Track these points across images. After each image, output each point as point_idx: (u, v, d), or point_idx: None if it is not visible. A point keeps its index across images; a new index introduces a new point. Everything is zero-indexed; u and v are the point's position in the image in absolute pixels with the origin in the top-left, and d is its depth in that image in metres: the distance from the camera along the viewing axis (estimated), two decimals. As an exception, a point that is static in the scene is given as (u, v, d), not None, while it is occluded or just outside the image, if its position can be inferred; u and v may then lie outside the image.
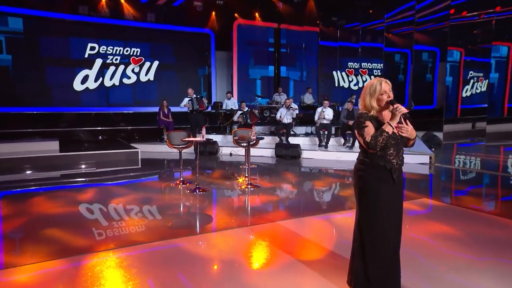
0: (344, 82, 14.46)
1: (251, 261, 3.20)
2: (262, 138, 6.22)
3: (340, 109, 10.59)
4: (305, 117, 11.30)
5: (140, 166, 8.32)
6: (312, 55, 13.55)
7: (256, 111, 10.05)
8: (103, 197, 5.41)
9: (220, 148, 9.56)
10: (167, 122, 10.47)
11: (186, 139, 5.84)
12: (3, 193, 5.69)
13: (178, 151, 6.40)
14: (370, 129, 2.33)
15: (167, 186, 6.14)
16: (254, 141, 6.23)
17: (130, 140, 10.82)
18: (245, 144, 6.15)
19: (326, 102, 9.44)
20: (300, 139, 10.17)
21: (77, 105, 11.07)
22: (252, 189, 5.79)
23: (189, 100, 9.91)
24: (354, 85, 13.76)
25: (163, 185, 6.34)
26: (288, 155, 8.57)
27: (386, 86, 2.33)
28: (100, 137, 11.08)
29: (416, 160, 8.08)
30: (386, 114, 2.35)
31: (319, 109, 9.48)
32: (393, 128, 2.28)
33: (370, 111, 2.37)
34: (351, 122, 9.00)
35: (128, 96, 11.93)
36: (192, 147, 9.39)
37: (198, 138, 5.76)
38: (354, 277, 2.47)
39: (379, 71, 13.56)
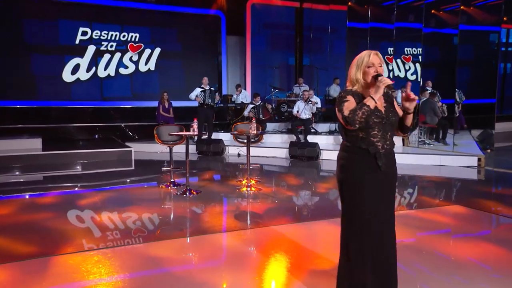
0: (400, 71, 14.26)
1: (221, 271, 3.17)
2: (264, 133, 6.16)
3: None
4: (330, 112, 11.15)
5: (133, 167, 8.50)
6: (340, 39, 13.38)
7: (270, 106, 10.02)
8: (69, 201, 5.53)
9: (227, 147, 9.59)
10: (167, 118, 10.63)
11: (174, 133, 5.88)
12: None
13: (168, 148, 6.46)
14: (350, 104, 2.34)
15: (156, 188, 6.22)
16: (256, 137, 6.20)
17: (127, 139, 11.07)
18: (244, 141, 6.13)
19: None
20: (323, 138, 10.09)
21: (67, 99, 11.44)
22: (251, 192, 5.77)
23: (201, 91, 9.97)
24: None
25: (151, 188, 6.43)
26: (304, 155, 8.49)
27: (375, 58, 2.36)
28: (96, 136, 11.37)
29: (461, 162, 7.87)
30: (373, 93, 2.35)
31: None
32: (375, 102, 2.29)
33: (354, 85, 2.41)
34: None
35: (126, 88, 12.22)
36: (195, 145, 9.59)
37: (189, 132, 5.79)
38: (337, 281, 2.48)
39: (419, 56, 13.27)
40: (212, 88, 10.06)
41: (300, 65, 13.82)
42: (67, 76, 11.44)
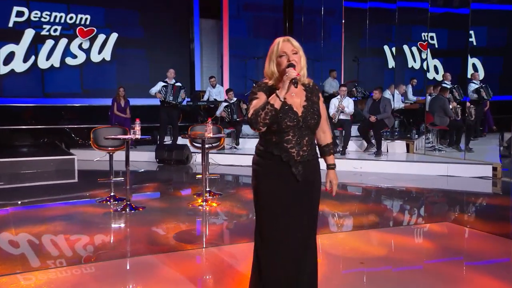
0: (415, 61, 14.36)
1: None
2: (225, 136, 6.17)
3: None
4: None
5: (76, 178, 8.47)
6: (337, 24, 13.44)
7: (245, 106, 9.99)
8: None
9: (194, 155, 9.53)
10: (122, 119, 10.55)
11: (111, 137, 5.81)
12: None
13: (108, 154, 6.39)
14: (258, 102, 2.42)
15: (91, 205, 6.16)
16: (215, 141, 6.22)
17: (74, 145, 10.98)
18: (199, 145, 6.13)
19: (343, 89, 9.28)
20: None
21: (-2, 95, 11.37)
22: (206, 208, 5.74)
23: (163, 86, 9.90)
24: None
25: (85, 204, 6.37)
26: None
27: (286, 45, 2.45)
28: (42, 140, 11.27)
29: (472, 172, 7.90)
30: (293, 88, 2.41)
31: (334, 100, 9.34)
32: (281, 101, 2.35)
33: (270, 79, 2.49)
34: (373, 118, 8.85)
35: (74, 82, 12.15)
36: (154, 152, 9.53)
37: (128, 135, 5.74)
38: None
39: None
40: (177, 84, 9.98)
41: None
42: (-2, 66, 11.38)
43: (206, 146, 6.14)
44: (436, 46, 14.39)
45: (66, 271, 3.68)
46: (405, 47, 14.81)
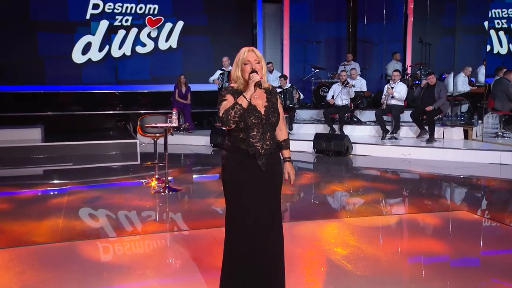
0: (501, 47, 13.55)
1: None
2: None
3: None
4: (379, 96, 10.91)
5: (138, 161, 9.06)
6: (401, 4, 12.96)
7: (297, 95, 10.13)
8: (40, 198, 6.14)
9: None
10: (183, 105, 11.09)
11: (151, 125, 6.24)
12: None
13: (152, 141, 6.86)
14: (227, 103, 2.77)
15: (136, 186, 6.68)
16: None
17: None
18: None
19: (396, 73, 9.05)
20: (366, 129, 9.99)
21: (77, 83, 12.34)
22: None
23: (220, 74, 10.30)
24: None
25: (132, 184, 6.90)
26: (330, 150, 8.48)
27: (250, 55, 2.80)
28: (114, 124, 12.16)
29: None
30: (256, 91, 2.77)
31: (386, 85, 9.14)
32: (247, 101, 2.71)
33: (236, 82, 2.85)
34: (430, 108, 8.55)
35: (144, 70, 12.86)
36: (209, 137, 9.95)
37: (166, 124, 6.10)
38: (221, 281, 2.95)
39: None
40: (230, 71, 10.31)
41: (354, 38, 13.56)
42: (77, 56, 12.30)
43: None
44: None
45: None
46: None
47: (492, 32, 14.63)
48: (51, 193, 6.44)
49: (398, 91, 8.96)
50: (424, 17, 12.34)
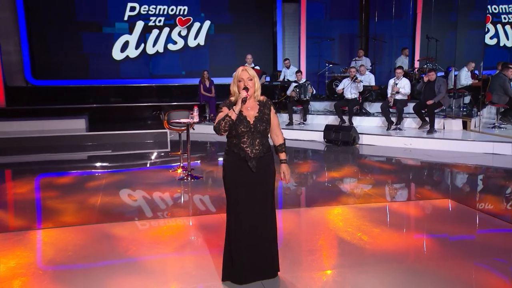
0: (508, 40, 13.60)
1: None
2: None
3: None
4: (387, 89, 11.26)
5: (169, 149, 9.68)
6: (412, 1, 13.10)
7: (311, 90, 10.60)
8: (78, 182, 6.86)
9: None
10: (208, 98, 11.69)
11: (175, 121, 6.81)
12: None
13: (178, 133, 7.47)
14: (222, 114, 3.14)
15: (164, 172, 7.35)
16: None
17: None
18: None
19: (399, 71, 9.38)
20: (374, 120, 10.35)
21: (116, 77, 13.14)
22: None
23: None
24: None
25: (160, 171, 7.63)
26: (338, 140, 8.93)
27: (244, 73, 3.15)
28: (155, 113, 12.76)
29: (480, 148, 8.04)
30: (249, 103, 3.17)
31: (391, 81, 9.50)
32: (235, 114, 3.08)
33: (233, 96, 3.23)
34: (430, 102, 8.89)
35: (175, 65, 13.58)
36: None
37: (187, 120, 6.64)
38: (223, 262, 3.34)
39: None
40: (256, 67, 10.84)
41: (366, 34, 13.82)
42: (116, 54, 13.18)
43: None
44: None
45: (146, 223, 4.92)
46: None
47: (499, 26, 14.69)
48: (93, 175, 7.35)
49: (403, 87, 9.28)
50: (436, 12, 12.47)
